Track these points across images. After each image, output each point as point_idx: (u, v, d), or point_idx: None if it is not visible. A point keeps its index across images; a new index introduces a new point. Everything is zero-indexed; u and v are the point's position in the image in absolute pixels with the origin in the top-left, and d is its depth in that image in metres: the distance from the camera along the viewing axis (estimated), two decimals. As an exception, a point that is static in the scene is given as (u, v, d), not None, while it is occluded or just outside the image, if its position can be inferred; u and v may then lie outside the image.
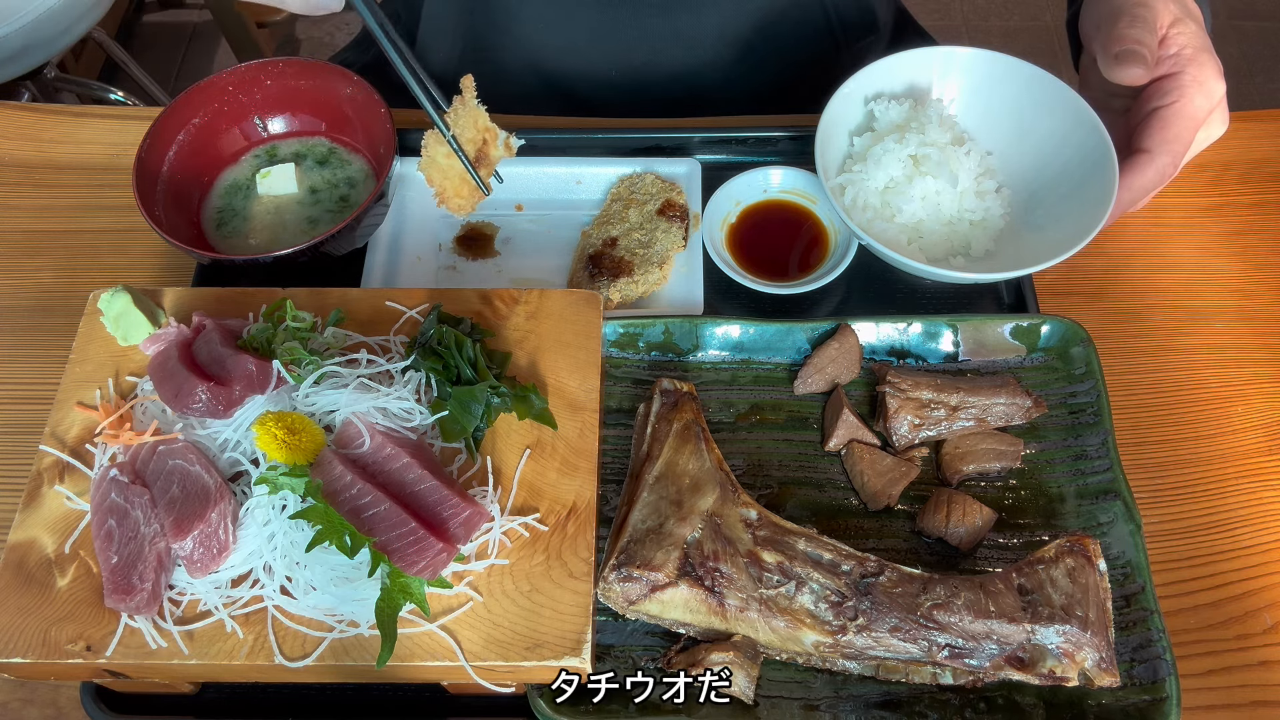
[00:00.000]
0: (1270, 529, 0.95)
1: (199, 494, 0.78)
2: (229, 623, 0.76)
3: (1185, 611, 0.91)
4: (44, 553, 0.80)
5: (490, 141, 1.02)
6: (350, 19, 3.15)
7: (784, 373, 1.01)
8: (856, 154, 1.10)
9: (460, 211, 1.03)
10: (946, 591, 0.83)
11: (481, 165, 1.01)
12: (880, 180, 1.06)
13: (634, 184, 1.13)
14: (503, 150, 1.04)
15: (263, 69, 1.15)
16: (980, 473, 0.94)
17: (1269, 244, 1.14)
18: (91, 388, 0.88)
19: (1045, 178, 1.08)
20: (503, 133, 1.03)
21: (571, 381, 0.89)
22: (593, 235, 1.10)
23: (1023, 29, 3.15)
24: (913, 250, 1.07)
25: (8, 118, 1.28)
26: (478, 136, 1.00)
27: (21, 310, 1.12)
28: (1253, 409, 1.03)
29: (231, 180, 1.15)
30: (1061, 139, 1.06)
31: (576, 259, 1.11)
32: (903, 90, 1.13)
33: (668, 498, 0.86)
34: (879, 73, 1.10)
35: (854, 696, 0.83)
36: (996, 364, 1.00)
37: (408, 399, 0.84)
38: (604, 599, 0.84)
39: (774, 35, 1.32)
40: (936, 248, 1.07)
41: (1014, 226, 1.08)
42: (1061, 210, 1.04)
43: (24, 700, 0.90)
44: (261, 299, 0.93)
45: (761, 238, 1.12)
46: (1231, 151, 1.19)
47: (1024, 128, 1.10)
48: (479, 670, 0.76)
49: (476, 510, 0.79)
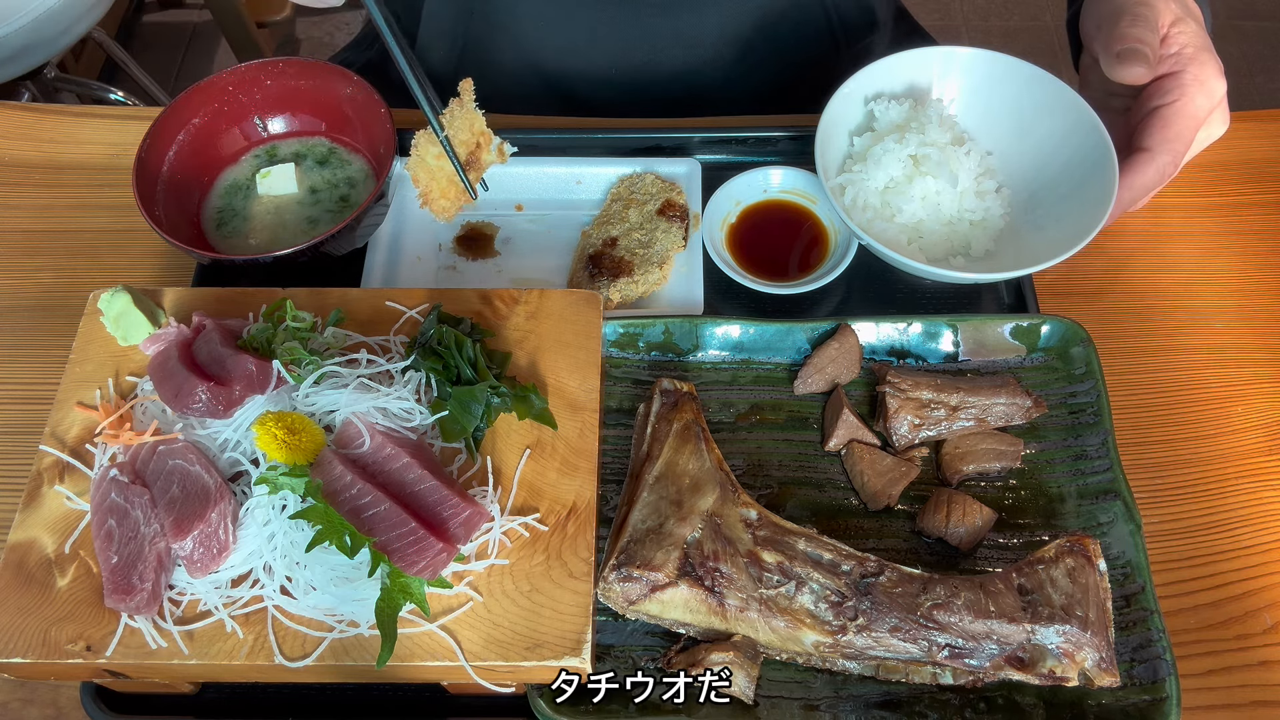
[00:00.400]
0: (1270, 529, 0.95)
1: (199, 494, 0.78)
2: (229, 623, 0.76)
3: (1185, 611, 0.91)
4: (44, 553, 0.80)
5: (484, 146, 1.02)
6: (350, 19, 3.15)
7: (784, 373, 1.01)
8: (856, 154, 1.10)
9: (443, 215, 1.03)
10: (946, 591, 0.83)
11: (472, 169, 1.01)
12: (880, 180, 1.06)
13: (634, 184, 1.13)
14: (495, 156, 1.04)
15: (263, 69, 1.15)
16: (980, 473, 0.94)
17: (1269, 244, 1.14)
18: (91, 388, 0.88)
19: (1045, 178, 1.08)
20: (497, 138, 1.03)
21: (571, 381, 0.89)
22: (593, 235, 1.10)
23: (1023, 29, 3.15)
24: (913, 250, 1.07)
25: (8, 118, 1.28)
26: (471, 140, 1.00)
27: (21, 310, 1.12)
28: (1253, 409, 1.03)
29: (231, 180, 1.15)
30: (1061, 139, 1.06)
31: (576, 259, 1.11)
32: (903, 90, 1.13)
33: (668, 498, 0.86)
34: (879, 73, 1.10)
35: (854, 696, 0.83)
36: (996, 364, 1.00)
37: (408, 399, 0.84)
38: (604, 599, 0.84)
39: (774, 35, 1.32)
40: (936, 248, 1.07)
41: (1014, 226, 1.08)
42: (1061, 210, 1.04)
43: (24, 700, 0.90)
44: (261, 299, 0.93)
45: (761, 238, 1.12)
46: (1231, 151, 1.19)
47: (1024, 128, 1.10)
48: (479, 670, 0.76)
49: (476, 510, 0.79)
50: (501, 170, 1.14)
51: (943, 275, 1.00)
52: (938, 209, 1.06)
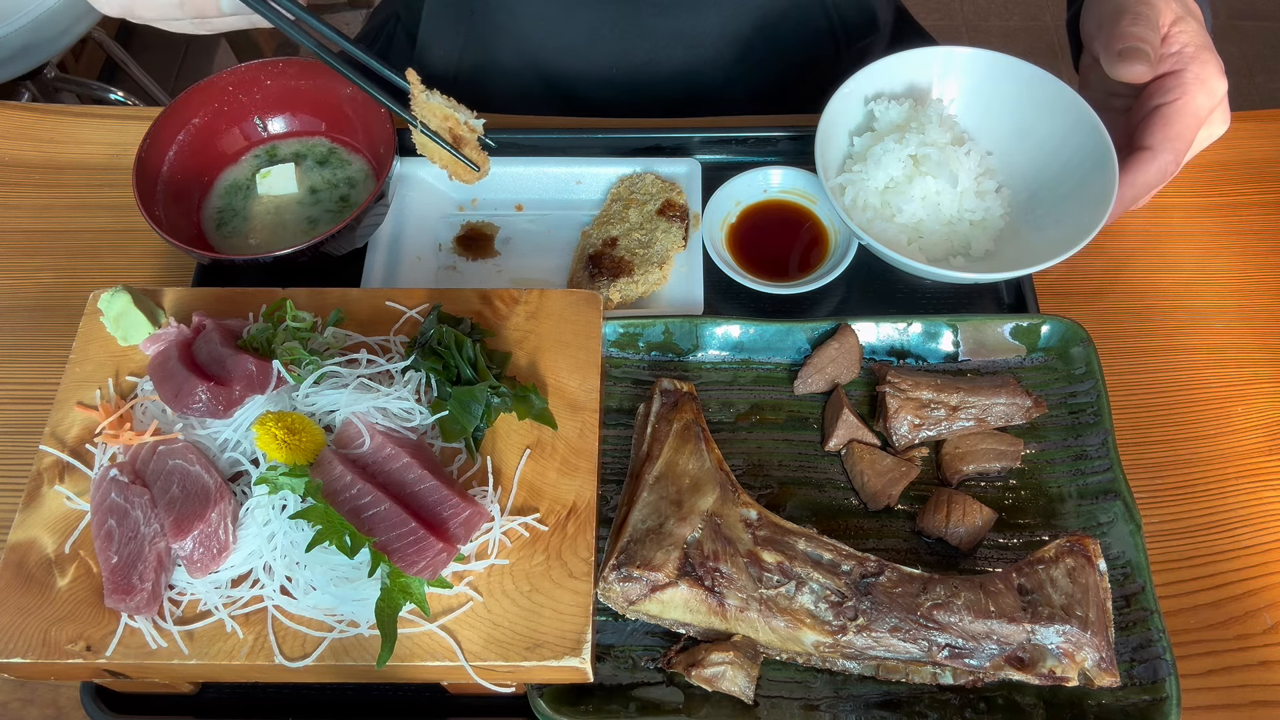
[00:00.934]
0: (1270, 529, 0.95)
1: (199, 494, 0.78)
2: (229, 623, 0.76)
3: (1185, 611, 0.91)
4: (44, 553, 0.80)
5: (455, 125, 1.01)
6: (351, 19, 3.15)
7: (784, 373, 1.01)
8: (856, 154, 1.10)
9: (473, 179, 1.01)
10: (946, 591, 0.83)
11: (465, 145, 1.01)
12: (880, 180, 1.06)
13: (634, 184, 1.13)
14: (467, 131, 1.02)
15: (263, 69, 1.15)
16: (980, 473, 0.94)
17: (1269, 244, 1.14)
18: (91, 388, 0.88)
19: (1045, 177, 1.08)
20: (462, 115, 1.02)
21: (571, 381, 0.89)
22: (593, 235, 1.10)
23: (1023, 29, 3.15)
24: (913, 250, 1.07)
25: (8, 118, 1.28)
26: (443, 126, 1.00)
27: (21, 310, 1.12)
28: (1253, 409, 1.03)
29: (231, 180, 1.15)
30: (1062, 139, 1.06)
31: (576, 259, 1.11)
32: (903, 90, 1.13)
33: (668, 498, 0.86)
34: (879, 72, 1.10)
35: (854, 696, 0.83)
36: (996, 364, 1.00)
37: (408, 399, 0.84)
38: (604, 599, 0.84)
39: (774, 35, 1.32)
40: (936, 248, 1.07)
41: (1014, 226, 1.08)
42: (1062, 210, 1.04)
43: (24, 700, 0.90)
44: (261, 299, 0.93)
45: (761, 238, 1.12)
46: (1231, 151, 1.19)
47: (1024, 127, 1.10)
48: (479, 670, 0.76)
49: (476, 510, 0.79)
50: (501, 170, 1.14)
51: (943, 275, 1.00)
52: (938, 209, 1.06)
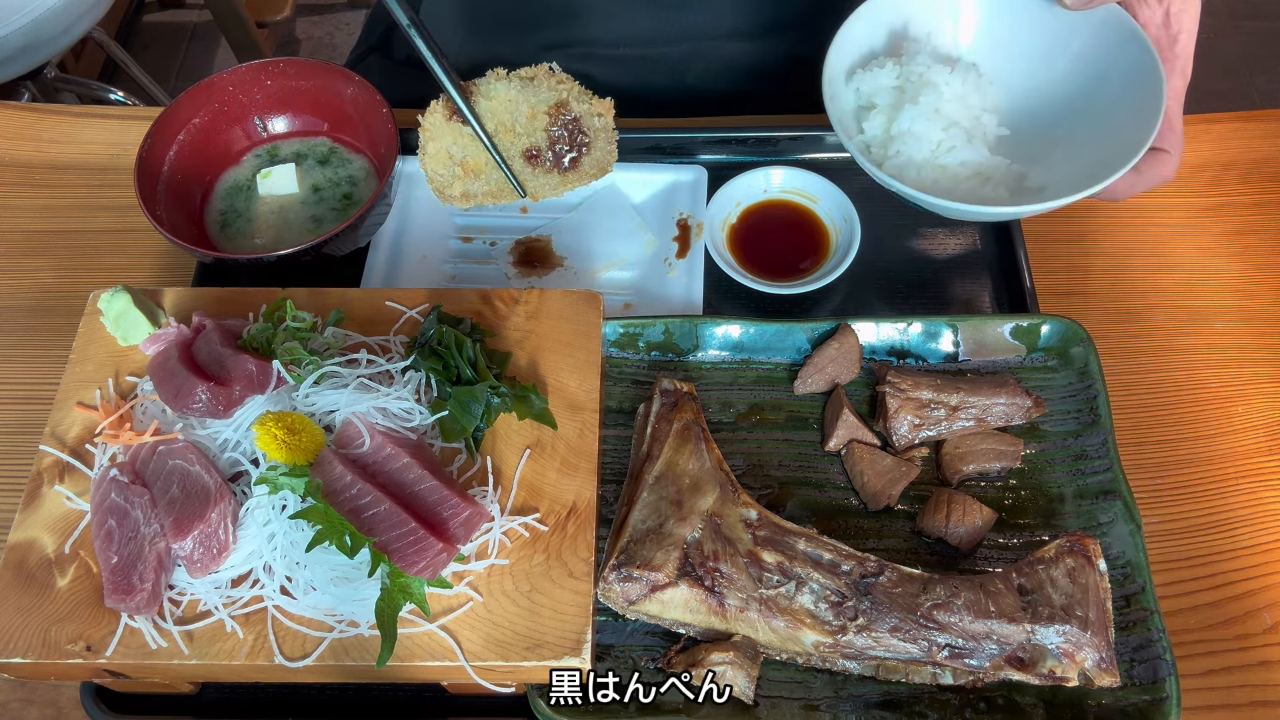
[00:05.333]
0: (1270, 529, 0.95)
1: (199, 494, 0.78)
2: (229, 623, 0.76)
3: (1185, 611, 0.91)
4: (44, 553, 0.80)
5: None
6: (350, 19, 3.15)
7: (784, 373, 1.01)
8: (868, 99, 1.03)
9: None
10: (946, 591, 0.83)
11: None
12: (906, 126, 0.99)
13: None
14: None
15: (263, 69, 1.15)
16: (980, 473, 0.94)
17: (1269, 244, 1.14)
18: (91, 388, 0.88)
19: (1081, 96, 1.01)
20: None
21: (571, 381, 0.89)
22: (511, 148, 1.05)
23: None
24: (938, 189, 0.99)
25: (8, 118, 1.28)
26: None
27: (21, 310, 1.12)
28: (1253, 409, 1.03)
29: (233, 180, 1.15)
30: (1097, 54, 0.98)
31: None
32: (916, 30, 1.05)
33: (668, 498, 0.86)
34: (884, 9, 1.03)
35: (854, 696, 0.83)
36: (996, 364, 1.00)
37: (408, 399, 0.84)
38: (604, 599, 0.84)
39: (783, 25, 1.31)
40: (959, 187, 1.00)
41: (1044, 156, 1.01)
42: (1105, 127, 0.97)
43: (24, 700, 0.90)
44: (261, 299, 0.93)
45: (762, 238, 1.12)
46: (1231, 151, 1.20)
47: (1051, 50, 1.02)
48: (479, 670, 0.76)
49: (476, 510, 0.79)
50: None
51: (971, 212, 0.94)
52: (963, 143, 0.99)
